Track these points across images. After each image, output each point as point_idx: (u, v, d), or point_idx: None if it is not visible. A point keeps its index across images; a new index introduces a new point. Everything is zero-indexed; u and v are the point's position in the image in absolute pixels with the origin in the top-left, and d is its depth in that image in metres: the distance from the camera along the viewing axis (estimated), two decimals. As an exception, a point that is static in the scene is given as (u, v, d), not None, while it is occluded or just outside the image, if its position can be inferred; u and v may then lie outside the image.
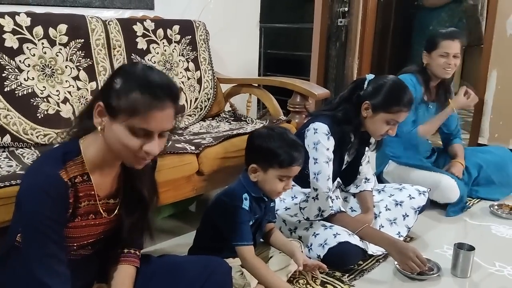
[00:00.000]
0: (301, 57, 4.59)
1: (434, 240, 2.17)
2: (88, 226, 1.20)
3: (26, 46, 2.01)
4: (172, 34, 2.55)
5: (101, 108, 1.11)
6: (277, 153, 1.57)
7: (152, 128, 1.08)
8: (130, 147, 1.09)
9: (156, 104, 1.07)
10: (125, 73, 1.12)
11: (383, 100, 1.85)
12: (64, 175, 1.10)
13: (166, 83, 1.11)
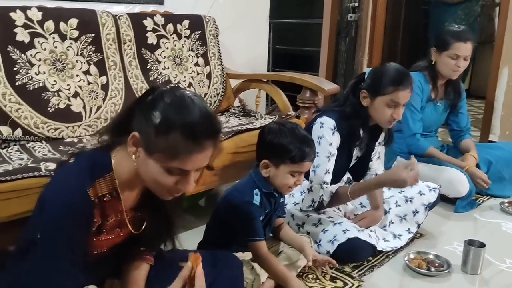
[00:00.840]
0: (309, 53, 4.57)
1: (444, 236, 2.16)
2: (113, 238, 1.19)
3: (37, 40, 2.02)
4: (182, 29, 2.55)
5: (135, 139, 1.06)
6: (289, 149, 1.57)
7: (190, 168, 1.05)
8: (163, 184, 1.06)
9: (197, 147, 1.03)
10: (165, 107, 1.04)
11: (377, 84, 1.85)
12: (91, 193, 1.07)
13: (208, 122, 1.05)
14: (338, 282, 1.74)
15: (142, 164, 1.07)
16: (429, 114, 2.56)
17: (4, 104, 1.89)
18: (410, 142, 2.49)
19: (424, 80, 2.50)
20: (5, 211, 1.42)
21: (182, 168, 1.04)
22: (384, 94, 1.82)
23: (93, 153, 1.16)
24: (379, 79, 1.85)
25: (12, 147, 1.88)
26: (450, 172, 2.42)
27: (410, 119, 2.47)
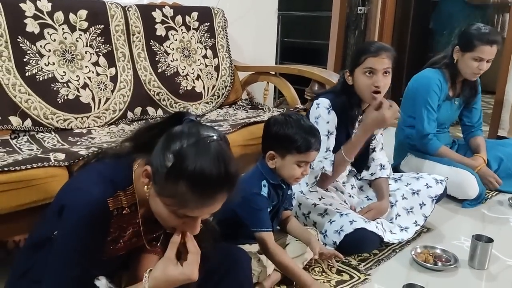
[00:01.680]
0: (318, 46, 4.55)
1: (452, 231, 2.15)
2: (131, 246, 1.19)
3: (47, 31, 2.03)
4: (191, 21, 2.54)
5: (148, 173, 1.03)
6: (295, 139, 1.57)
7: (201, 215, 1.04)
8: (171, 223, 1.05)
9: (207, 200, 1.00)
10: (179, 150, 0.98)
11: (353, 58, 1.90)
12: (111, 204, 1.06)
13: (223, 175, 0.98)
14: (345, 276, 1.74)
15: (151, 198, 1.05)
16: (445, 111, 2.54)
17: (14, 95, 1.90)
18: (422, 142, 2.48)
19: (444, 79, 2.46)
20: (14, 201, 1.43)
21: (190, 215, 1.02)
22: (358, 64, 1.85)
23: (115, 162, 1.14)
24: (356, 53, 1.91)
25: (22, 138, 1.89)
26: (461, 173, 2.38)
27: (426, 118, 2.44)
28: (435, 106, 2.45)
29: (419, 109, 2.46)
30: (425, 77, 2.49)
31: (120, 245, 1.16)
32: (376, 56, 1.82)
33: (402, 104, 2.63)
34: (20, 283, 1.19)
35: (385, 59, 1.83)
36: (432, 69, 2.50)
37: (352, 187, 2.12)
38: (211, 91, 2.59)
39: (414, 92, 2.52)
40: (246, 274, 1.35)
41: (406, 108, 2.58)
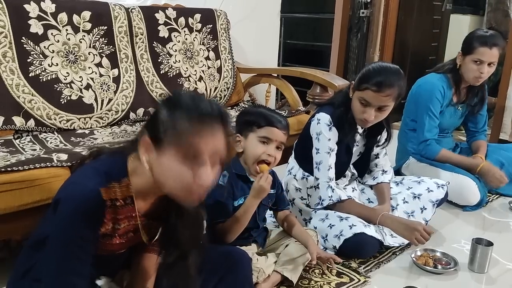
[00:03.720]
0: (320, 48, 4.56)
1: (452, 234, 2.16)
2: (126, 241, 1.19)
3: (51, 32, 2.04)
4: (194, 23, 2.56)
5: (147, 143, 1.05)
6: (255, 119, 1.60)
7: (203, 153, 1.03)
8: (182, 179, 1.03)
9: (205, 128, 1.03)
10: (171, 103, 1.06)
11: (359, 77, 1.86)
12: (104, 193, 1.06)
13: (215, 108, 1.06)
14: (345, 278, 1.75)
15: (157, 168, 1.05)
16: (448, 117, 2.53)
17: (17, 95, 1.92)
18: (421, 148, 2.47)
19: (447, 84, 2.45)
20: (17, 200, 1.44)
21: (196, 154, 1.02)
22: (358, 89, 1.84)
23: (110, 156, 1.16)
24: (361, 75, 1.86)
25: (25, 138, 1.91)
26: (462, 180, 2.37)
27: (427, 125, 2.43)
28: (437, 113, 2.44)
29: (420, 115, 2.45)
30: (428, 83, 2.48)
31: (116, 240, 1.15)
32: (377, 92, 1.78)
33: (405, 107, 2.64)
34: (21, 282, 1.19)
35: (385, 97, 1.79)
36: (436, 74, 2.49)
37: (353, 189, 2.13)
38: (213, 92, 2.60)
39: (417, 97, 2.51)
40: (246, 274, 1.36)
41: (408, 111, 2.59)
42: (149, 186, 1.10)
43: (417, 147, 2.49)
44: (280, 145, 1.62)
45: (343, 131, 1.92)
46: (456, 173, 2.39)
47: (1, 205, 1.43)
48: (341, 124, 1.91)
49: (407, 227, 1.83)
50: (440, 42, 4.62)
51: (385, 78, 1.78)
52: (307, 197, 2.05)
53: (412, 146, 2.55)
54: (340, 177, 2.08)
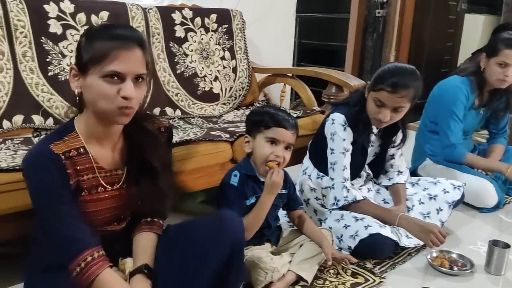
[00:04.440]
0: (335, 48, 4.54)
1: (468, 236, 2.14)
2: (99, 200, 1.24)
3: (69, 32, 2.07)
4: (210, 23, 2.57)
5: (74, 70, 1.16)
6: (263, 118, 1.62)
7: (122, 69, 1.12)
8: (107, 95, 1.12)
9: (122, 44, 1.12)
10: (88, 31, 1.20)
11: (374, 78, 1.86)
12: (54, 149, 1.15)
13: (128, 28, 1.21)
14: (359, 278, 1.74)
15: (86, 90, 1.15)
16: (470, 121, 2.49)
17: (37, 94, 1.95)
18: (447, 152, 2.44)
19: (471, 88, 2.41)
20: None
21: (114, 69, 1.11)
22: (373, 90, 1.84)
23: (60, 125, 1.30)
24: (376, 75, 1.86)
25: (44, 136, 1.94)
26: (479, 182, 2.34)
27: (453, 129, 2.40)
28: (461, 117, 2.40)
29: (444, 119, 2.42)
30: (452, 86, 2.43)
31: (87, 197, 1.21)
32: (392, 93, 1.78)
33: (425, 108, 2.61)
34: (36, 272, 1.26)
35: (400, 99, 1.78)
36: (459, 77, 2.44)
37: (368, 190, 2.12)
38: (228, 92, 2.61)
39: (440, 99, 2.47)
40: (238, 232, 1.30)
41: (428, 113, 2.56)
42: (93, 124, 1.21)
43: (441, 151, 2.46)
44: (289, 146, 1.63)
45: (357, 131, 1.91)
46: (474, 175, 2.37)
47: (20, 203, 1.45)
48: (356, 124, 1.91)
49: (423, 229, 1.82)
50: (455, 42, 4.58)
51: (401, 79, 1.77)
52: (322, 198, 2.05)
53: (430, 147, 2.53)
54: (355, 178, 2.08)
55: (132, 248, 1.34)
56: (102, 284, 1.15)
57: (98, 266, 1.15)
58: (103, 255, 1.18)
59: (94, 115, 1.19)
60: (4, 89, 1.87)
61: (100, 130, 1.22)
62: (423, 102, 2.66)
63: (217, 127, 2.18)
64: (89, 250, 1.15)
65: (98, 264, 1.15)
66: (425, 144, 2.57)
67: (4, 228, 1.50)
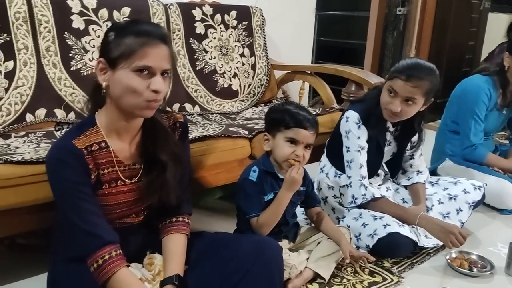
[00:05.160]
0: (354, 46, 4.51)
1: (488, 237, 2.11)
2: (119, 193, 1.27)
3: (92, 28, 2.09)
4: (229, 20, 2.58)
5: (102, 64, 1.18)
6: (283, 117, 1.61)
7: (152, 63, 1.15)
8: (137, 89, 1.15)
9: (149, 41, 1.15)
10: (116, 26, 1.24)
11: (390, 71, 1.85)
12: (77, 143, 1.18)
13: (154, 25, 1.24)
14: (377, 277, 1.74)
15: (113, 84, 1.17)
16: (491, 121, 2.46)
17: (59, 88, 1.98)
18: (467, 152, 2.41)
19: (493, 87, 2.37)
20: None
21: (144, 63, 1.14)
22: (389, 79, 1.83)
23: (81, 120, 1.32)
24: (396, 65, 1.85)
25: (66, 130, 1.96)
26: (500, 183, 2.31)
27: (473, 129, 2.37)
28: (483, 117, 2.37)
29: (465, 118, 2.39)
30: (474, 85, 2.40)
31: (106, 190, 1.24)
32: (404, 80, 1.77)
33: (447, 107, 2.58)
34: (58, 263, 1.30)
35: (412, 88, 1.77)
36: (482, 76, 2.40)
37: (387, 189, 2.11)
38: (247, 89, 2.61)
39: (462, 99, 2.44)
40: (276, 258, 1.36)
41: (450, 112, 2.53)
42: (115, 118, 1.23)
43: (461, 151, 2.43)
44: (309, 145, 1.62)
45: (370, 125, 1.90)
46: (495, 176, 2.33)
47: (43, 195, 1.48)
48: (369, 118, 1.89)
49: (443, 229, 1.80)
50: (477, 41, 4.52)
51: (416, 69, 1.77)
52: (340, 196, 2.04)
53: (451, 148, 2.50)
54: (373, 176, 2.07)
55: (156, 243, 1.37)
56: (118, 283, 1.17)
57: (115, 264, 1.17)
58: (121, 254, 1.20)
59: (117, 109, 1.21)
60: (27, 83, 1.90)
61: (121, 124, 1.24)
62: (443, 102, 2.63)
63: (236, 123, 2.19)
64: (108, 247, 1.18)
65: (116, 262, 1.17)
66: (445, 144, 2.54)
67: (27, 220, 1.53)
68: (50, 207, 1.48)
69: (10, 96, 1.85)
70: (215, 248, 1.37)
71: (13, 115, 1.85)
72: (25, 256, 1.82)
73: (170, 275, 1.27)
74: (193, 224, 1.43)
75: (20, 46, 1.91)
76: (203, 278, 1.29)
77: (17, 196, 1.44)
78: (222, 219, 2.16)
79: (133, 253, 1.32)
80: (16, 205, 1.45)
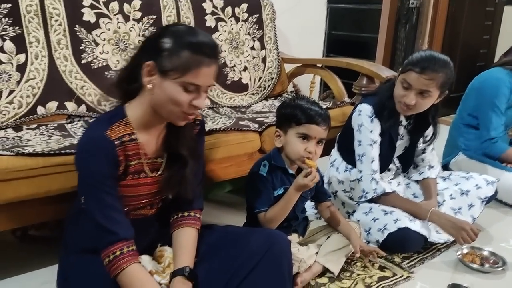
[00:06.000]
0: (365, 39, 4.46)
1: (500, 233, 2.09)
2: (140, 185, 1.29)
3: (103, 21, 2.10)
4: (240, 13, 2.56)
5: (151, 67, 1.17)
6: (295, 113, 1.59)
7: (201, 83, 1.17)
8: (181, 102, 1.18)
9: (205, 61, 1.16)
10: (173, 33, 1.19)
11: (404, 64, 1.83)
12: (110, 135, 1.19)
13: (212, 43, 1.21)
14: (387, 272, 1.73)
15: (158, 90, 1.18)
16: (510, 115, 2.43)
17: (70, 81, 1.99)
18: (486, 146, 2.39)
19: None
20: (69, 182, 1.49)
21: (195, 82, 1.16)
22: (402, 72, 1.81)
23: (109, 111, 1.31)
24: (410, 57, 1.83)
25: (77, 123, 1.98)
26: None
27: (494, 122, 2.34)
28: (503, 109, 2.34)
29: (485, 111, 2.36)
30: (494, 78, 2.37)
31: (129, 181, 1.25)
32: (418, 73, 1.75)
33: (463, 100, 2.55)
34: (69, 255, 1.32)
35: (427, 81, 1.75)
36: (503, 69, 2.37)
37: (398, 184, 2.09)
38: (257, 82, 2.61)
39: (481, 91, 2.41)
40: (285, 251, 1.37)
41: (467, 105, 2.50)
42: (148, 115, 1.24)
43: (480, 145, 2.41)
44: (321, 140, 1.61)
45: (383, 119, 1.88)
46: (508, 171, 2.30)
47: (55, 186, 1.50)
48: (382, 111, 1.88)
49: (454, 225, 1.79)
50: (493, 35, 4.44)
51: (431, 62, 1.75)
52: (350, 190, 2.03)
53: (465, 142, 2.47)
54: (384, 171, 2.05)
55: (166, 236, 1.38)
56: (128, 278, 1.19)
57: (125, 261, 1.18)
58: (133, 250, 1.21)
59: (151, 108, 1.23)
60: (39, 75, 1.92)
61: (152, 120, 1.26)
62: (456, 96, 2.60)
63: (246, 117, 2.18)
64: (120, 244, 1.19)
65: (126, 259, 1.19)
66: (459, 138, 2.51)
67: (39, 211, 1.55)
68: (62, 199, 1.51)
69: (21, 89, 1.87)
70: (225, 241, 1.37)
71: (25, 107, 1.87)
72: (36, 248, 1.84)
73: (180, 267, 1.27)
74: (202, 217, 1.44)
75: (32, 39, 1.92)
76: (213, 271, 1.29)
77: (29, 188, 1.45)
78: (231, 213, 2.17)
79: (144, 245, 1.33)
80: (28, 197, 1.47)
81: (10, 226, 1.55)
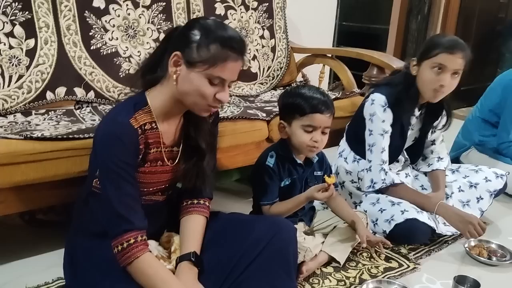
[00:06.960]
0: (376, 31, 4.43)
1: (509, 226, 2.07)
2: (157, 173, 1.30)
3: (112, 7, 2.09)
4: (250, 1, 2.54)
5: (178, 58, 1.18)
6: (298, 103, 1.57)
7: (227, 77, 1.19)
8: (206, 94, 1.19)
9: (233, 56, 1.18)
10: (203, 26, 1.20)
11: (424, 48, 1.82)
12: (134, 123, 1.20)
13: (240, 38, 1.22)
14: (393, 263, 1.72)
15: (183, 80, 1.20)
16: None
17: (79, 67, 1.99)
18: (504, 147, 2.37)
19: None
20: (76, 167, 1.51)
21: (221, 75, 1.18)
22: (429, 57, 1.78)
23: (130, 97, 1.31)
24: (426, 44, 1.83)
25: (85, 109, 1.98)
26: None
27: None
28: None
29: (509, 113, 2.34)
30: None
31: (147, 168, 1.27)
32: (451, 53, 1.74)
33: (486, 94, 2.51)
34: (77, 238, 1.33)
35: (460, 59, 1.75)
36: None
37: (406, 175, 2.08)
38: (266, 72, 2.59)
39: (509, 91, 2.37)
40: (291, 237, 1.37)
41: (489, 101, 2.46)
42: (169, 104, 1.25)
43: (497, 145, 2.38)
44: (325, 129, 1.60)
45: (402, 109, 1.86)
46: None
47: (62, 171, 1.50)
48: (400, 102, 1.86)
49: (462, 219, 1.77)
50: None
51: (457, 42, 1.77)
52: (357, 181, 2.02)
53: (480, 137, 2.44)
54: (393, 162, 2.04)
55: (175, 223, 1.39)
56: (142, 266, 1.19)
57: (139, 249, 1.19)
58: (145, 240, 1.22)
59: (174, 97, 1.24)
60: (48, 61, 1.92)
61: (173, 109, 1.28)
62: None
63: (254, 106, 2.17)
64: (134, 232, 1.20)
65: (139, 247, 1.19)
66: (474, 132, 2.48)
67: (47, 195, 1.56)
68: (69, 184, 1.52)
69: (31, 74, 1.87)
70: (230, 228, 1.38)
71: (34, 92, 1.87)
72: (44, 232, 1.86)
73: (187, 252, 1.28)
74: (209, 206, 1.44)
75: (41, 24, 1.92)
76: (218, 257, 1.30)
77: (36, 172, 1.46)
78: (238, 201, 2.17)
79: (152, 230, 1.33)
80: (36, 181, 1.48)
81: (18, 209, 1.56)
